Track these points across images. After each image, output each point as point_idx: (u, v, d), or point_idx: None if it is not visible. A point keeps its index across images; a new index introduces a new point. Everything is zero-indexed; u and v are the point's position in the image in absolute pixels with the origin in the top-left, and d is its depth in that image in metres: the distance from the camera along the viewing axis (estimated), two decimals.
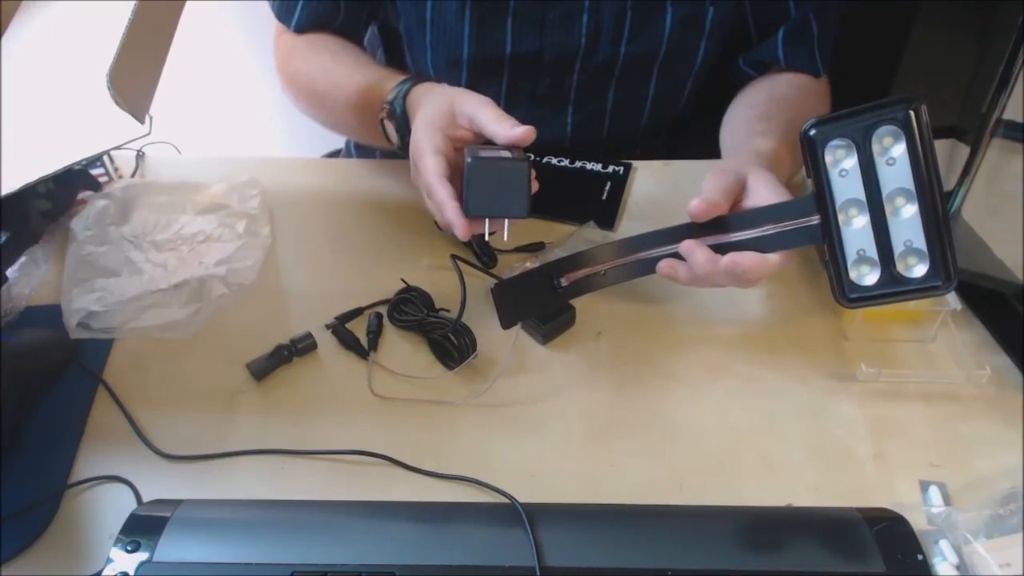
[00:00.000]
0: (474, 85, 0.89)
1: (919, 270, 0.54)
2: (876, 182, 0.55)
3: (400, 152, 0.75)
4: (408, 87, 0.74)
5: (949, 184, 0.68)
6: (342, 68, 0.84)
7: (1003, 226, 0.68)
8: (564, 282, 0.66)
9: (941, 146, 0.54)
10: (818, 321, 0.71)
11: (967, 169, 0.66)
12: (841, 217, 0.56)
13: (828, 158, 0.56)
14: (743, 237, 0.60)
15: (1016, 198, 0.66)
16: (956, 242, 0.54)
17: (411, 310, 0.70)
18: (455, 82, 0.90)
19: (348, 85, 0.81)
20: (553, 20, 0.84)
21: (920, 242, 0.54)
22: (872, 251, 0.56)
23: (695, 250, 0.61)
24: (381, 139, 0.77)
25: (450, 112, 0.68)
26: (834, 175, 0.56)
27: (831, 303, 0.72)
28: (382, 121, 0.75)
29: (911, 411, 0.64)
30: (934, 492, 0.58)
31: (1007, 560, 0.51)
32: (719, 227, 0.61)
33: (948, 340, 0.69)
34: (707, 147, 0.83)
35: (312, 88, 0.87)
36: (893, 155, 0.54)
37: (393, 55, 0.98)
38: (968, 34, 0.84)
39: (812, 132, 0.56)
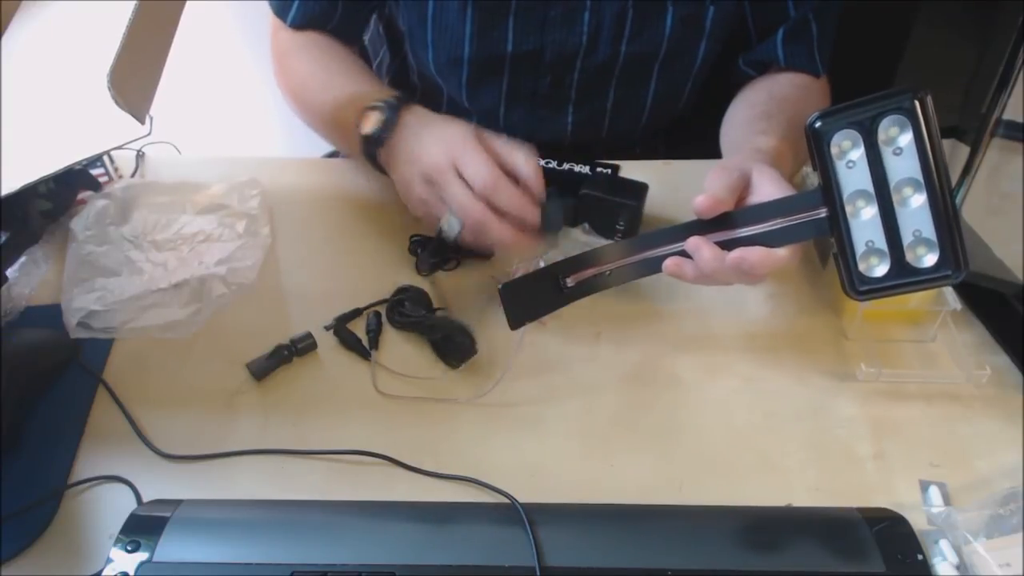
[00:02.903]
0: (475, 84, 0.90)
1: (929, 260, 0.54)
2: (883, 172, 0.54)
3: (367, 144, 0.74)
4: (406, 101, 0.74)
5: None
6: (334, 77, 0.84)
7: (1003, 226, 0.68)
8: (570, 282, 0.66)
9: None
10: (818, 321, 0.71)
11: (967, 169, 0.67)
12: (849, 209, 0.56)
13: (834, 150, 0.56)
14: (750, 232, 0.60)
15: (1016, 198, 0.66)
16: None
17: (410, 310, 0.70)
18: (456, 82, 0.90)
19: (336, 88, 0.81)
20: (554, 19, 0.84)
21: (929, 232, 0.53)
22: (881, 242, 0.55)
23: (701, 247, 0.60)
24: (351, 143, 0.76)
25: (479, 133, 0.69)
26: (841, 167, 0.56)
27: (831, 303, 0.72)
28: (365, 109, 0.74)
29: (911, 411, 0.64)
30: (934, 492, 0.58)
31: (1007, 560, 0.51)
32: (725, 223, 0.61)
33: (948, 340, 0.69)
34: (707, 147, 0.83)
35: (302, 89, 0.87)
36: (900, 145, 0.53)
37: (397, 54, 0.98)
38: (968, 34, 0.84)
39: (817, 124, 0.56)
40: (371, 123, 0.73)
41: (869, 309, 0.67)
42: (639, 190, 0.78)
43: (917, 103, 0.52)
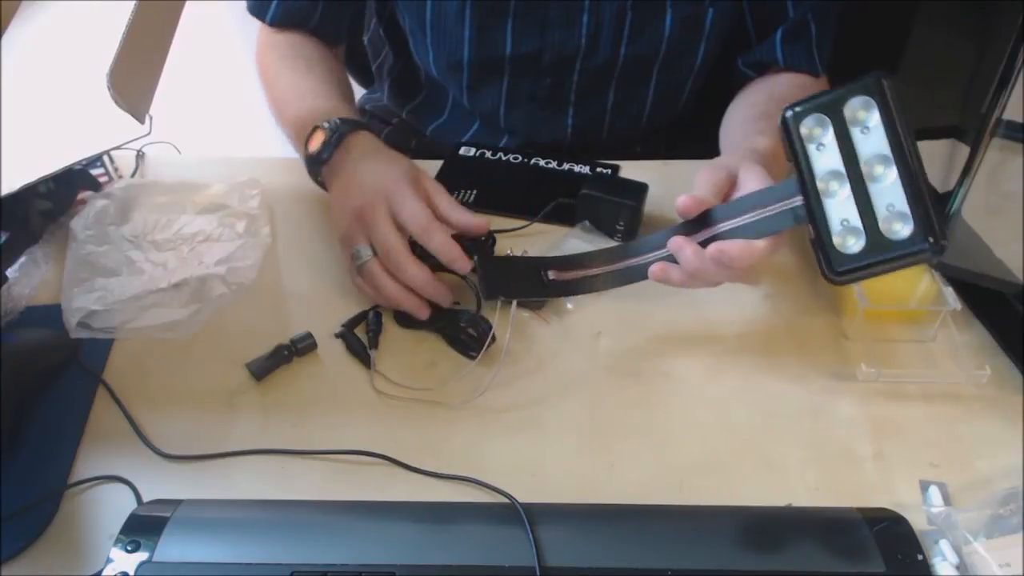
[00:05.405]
0: (475, 86, 0.90)
1: (904, 232, 0.54)
2: (853, 151, 0.55)
3: (309, 163, 0.75)
4: (359, 125, 0.74)
5: (949, 184, 0.68)
6: (298, 86, 0.84)
7: (1003, 226, 0.68)
8: (552, 275, 0.66)
9: (941, 146, 0.54)
10: (818, 321, 0.71)
11: (967, 169, 0.66)
12: (822, 188, 0.57)
13: (804, 132, 0.57)
14: (730, 227, 0.61)
15: (1016, 198, 0.66)
16: (956, 242, 0.54)
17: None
18: (456, 84, 0.90)
19: (298, 98, 0.82)
20: (553, 20, 0.84)
21: (903, 205, 0.54)
22: (856, 220, 0.55)
23: (683, 246, 0.61)
24: (298, 142, 0.77)
25: (416, 177, 0.68)
26: (812, 150, 0.57)
27: (831, 303, 0.72)
28: (315, 128, 0.74)
29: (911, 411, 0.64)
30: (934, 492, 0.58)
31: (1007, 560, 0.51)
32: (706, 222, 0.62)
33: (948, 340, 0.69)
34: (707, 147, 0.83)
35: (269, 89, 0.88)
36: (867, 124, 0.55)
37: (401, 54, 0.98)
38: (968, 34, 0.84)
39: (788, 114, 0.58)
40: (315, 142, 0.74)
41: (869, 309, 0.67)
42: (639, 190, 0.78)
43: (882, 83, 0.54)
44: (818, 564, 0.51)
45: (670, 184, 0.82)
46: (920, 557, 0.52)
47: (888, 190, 0.54)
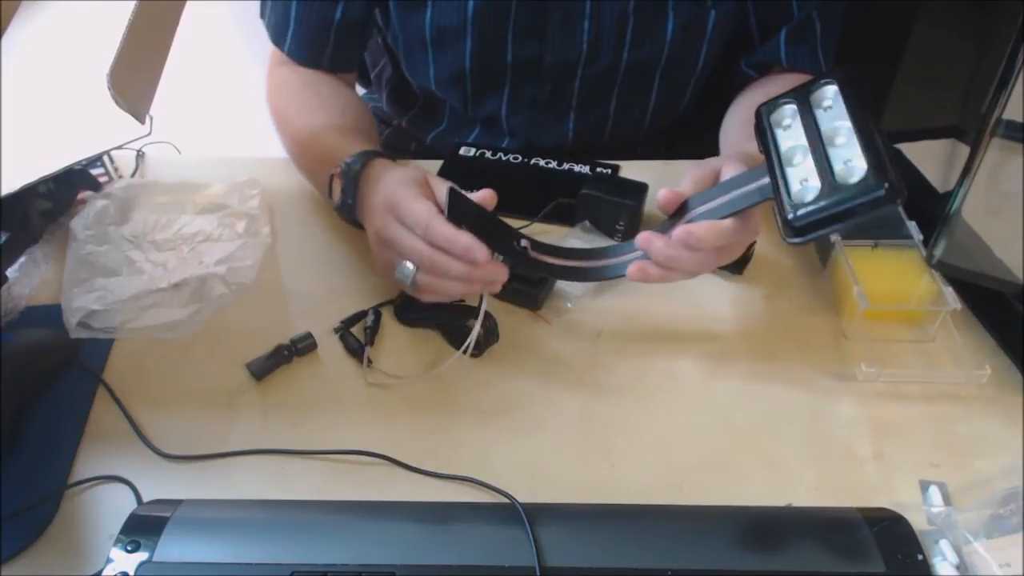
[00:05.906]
0: (477, 95, 0.90)
1: (857, 176, 0.55)
2: (816, 126, 0.60)
3: (339, 211, 0.72)
4: (370, 156, 0.71)
5: (949, 184, 0.68)
6: (321, 119, 0.82)
7: (1003, 226, 0.68)
8: (524, 243, 0.66)
9: (941, 146, 0.54)
10: (818, 321, 0.71)
11: (967, 169, 0.66)
12: (786, 159, 0.60)
13: (773, 119, 0.63)
14: (701, 211, 0.63)
15: (1016, 198, 0.65)
16: (956, 242, 0.54)
17: (423, 305, 0.70)
18: (458, 95, 0.90)
19: (319, 141, 0.79)
20: (554, 26, 0.83)
21: (859, 159, 0.56)
22: (815, 179, 0.57)
23: (652, 240, 0.62)
24: (324, 192, 0.76)
25: (425, 181, 0.66)
26: (779, 131, 0.62)
27: (832, 303, 0.72)
28: (332, 177, 0.72)
29: (911, 411, 0.64)
30: (934, 492, 0.58)
31: (1007, 560, 0.51)
32: (681, 212, 0.64)
33: (948, 340, 0.69)
34: (707, 148, 0.83)
35: (287, 126, 0.85)
36: (829, 104, 0.61)
37: (398, 67, 0.97)
38: (968, 34, 0.84)
39: (761, 108, 0.65)
40: (336, 191, 0.71)
41: (869, 309, 0.67)
42: (639, 190, 0.78)
43: (844, 73, 0.61)
44: (818, 564, 0.51)
45: (670, 184, 0.82)
46: (920, 557, 0.52)
47: (846, 150, 0.57)
